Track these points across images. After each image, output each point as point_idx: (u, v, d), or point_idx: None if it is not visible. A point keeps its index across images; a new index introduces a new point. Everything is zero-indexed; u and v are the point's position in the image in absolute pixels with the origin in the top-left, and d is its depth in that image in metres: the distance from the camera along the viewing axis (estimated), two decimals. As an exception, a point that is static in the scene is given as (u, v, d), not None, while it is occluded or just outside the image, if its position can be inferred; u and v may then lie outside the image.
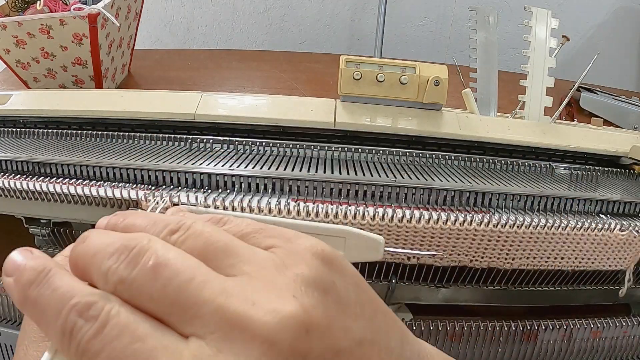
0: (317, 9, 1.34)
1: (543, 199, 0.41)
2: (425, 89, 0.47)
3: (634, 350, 0.43)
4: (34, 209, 0.41)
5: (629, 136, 0.52)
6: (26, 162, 0.41)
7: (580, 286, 0.44)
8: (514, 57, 0.80)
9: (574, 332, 0.41)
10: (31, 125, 0.51)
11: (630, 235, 0.38)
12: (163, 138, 0.47)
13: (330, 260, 0.17)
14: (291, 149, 0.47)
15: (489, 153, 0.49)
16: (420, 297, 0.41)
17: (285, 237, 0.18)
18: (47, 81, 0.84)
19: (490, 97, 0.58)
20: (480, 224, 0.36)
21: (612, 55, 1.31)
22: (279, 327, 0.15)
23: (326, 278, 0.17)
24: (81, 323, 0.15)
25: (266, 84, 0.96)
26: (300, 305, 0.15)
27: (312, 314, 0.15)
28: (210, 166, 0.41)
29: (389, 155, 0.47)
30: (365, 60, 0.48)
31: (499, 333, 0.41)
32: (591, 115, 0.82)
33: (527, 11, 0.56)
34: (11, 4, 0.80)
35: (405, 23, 1.34)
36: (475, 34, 0.59)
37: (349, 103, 0.49)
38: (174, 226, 0.18)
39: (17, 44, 0.76)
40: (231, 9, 1.36)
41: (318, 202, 0.37)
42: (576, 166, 0.49)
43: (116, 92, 0.55)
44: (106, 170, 0.41)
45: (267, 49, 1.37)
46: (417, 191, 0.40)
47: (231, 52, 1.17)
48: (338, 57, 0.48)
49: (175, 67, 1.02)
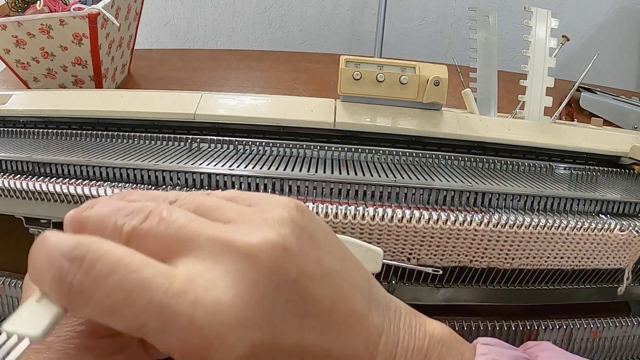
0: (317, 9, 1.34)
1: (543, 199, 0.41)
2: (425, 89, 0.47)
3: (634, 350, 0.43)
4: (34, 209, 0.41)
5: (629, 136, 0.52)
6: (26, 162, 0.41)
7: (579, 284, 0.44)
8: (514, 57, 0.80)
9: (574, 332, 0.41)
10: (31, 125, 0.51)
11: (630, 235, 0.38)
12: (163, 138, 0.47)
13: (302, 209, 0.20)
14: (291, 149, 0.47)
15: (489, 153, 0.49)
16: (420, 297, 0.41)
17: (264, 197, 0.21)
18: (47, 81, 0.84)
19: (490, 97, 0.58)
20: (480, 224, 0.36)
21: (612, 55, 1.31)
22: (261, 246, 0.17)
23: (300, 220, 0.19)
24: (67, 265, 0.16)
25: (266, 84, 0.96)
26: (277, 234, 0.18)
27: (288, 240, 0.18)
28: (210, 166, 0.41)
29: (389, 155, 0.47)
30: (365, 60, 0.48)
31: (499, 333, 0.41)
32: (591, 115, 0.82)
33: (527, 11, 0.56)
34: (11, 4, 0.80)
35: (405, 23, 1.34)
36: (475, 34, 0.59)
37: (349, 103, 0.49)
38: (173, 197, 0.20)
39: (17, 44, 0.76)
40: (231, 9, 1.36)
41: (318, 202, 0.37)
42: (576, 166, 0.49)
43: (116, 92, 0.55)
44: (106, 170, 0.41)
45: (267, 49, 1.37)
46: (417, 191, 0.40)
47: (231, 52, 1.17)
48: (338, 57, 0.48)
49: (175, 67, 1.02)
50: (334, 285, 0.19)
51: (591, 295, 0.44)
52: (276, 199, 0.20)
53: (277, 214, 0.19)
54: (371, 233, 0.36)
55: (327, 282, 0.19)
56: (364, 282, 0.21)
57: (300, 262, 0.18)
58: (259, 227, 0.18)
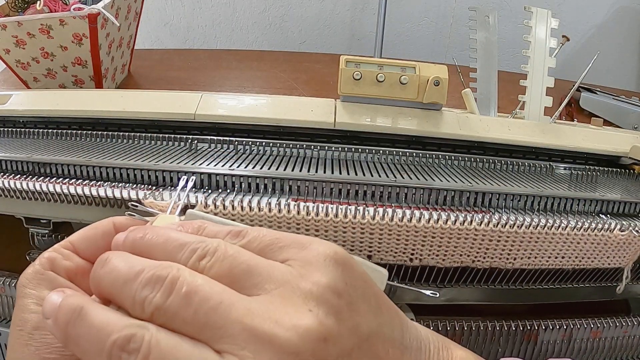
0: (317, 9, 1.34)
1: (543, 199, 0.41)
2: (425, 89, 0.47)
3: (634, 350, 0.43)
4: (34, 209, 0.41)
5: (629, 136, 0.52)
6: (26, 162, 0.41)
7: (579, 283, 0.44)
8: (514, 57, 0.80)
9: (574, 332, 0.41)
10: (31, 125, 0.51)
11: (630, 235, 0.38)
12: (163, 138, 0.47)
13: (342, 262, 0.19)
14: (291, 149, 0.47)
15: (489, 153, 0.49)
16: (421, 297, 0.41)
17: (300, 244, 0.20)
18: (47, 81, 0.84)
19: (490, 97, 0.58)
20: (480, 224, 0.36)
21: (612, 55, 1.31)
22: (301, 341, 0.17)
23: (339, 282, 0.19)
24: (125, 357, 0.16)
25: (266, 84, 0.96)
26: (316, 318, 0.17)
27: (326, 324, 0.17)
28: (210, 166, 0.41)
29: (389, 155, 0.47)
30: (365, 60, 0.48)
31: (499, 333, 0.41)
32: (591, 115, 0.82)
33: (527, 11, 0.56)
34: (11, 4, 0.80)
35: (405, 23, 1.34)
36: (475, 34, 0.59)
37: (349, 103, 0.49)
38: (201, 252, 0.19)
39: (17, 44, 0.76)
40: (231, 9, 1.36)
41: (318, 202, 0.37)
42: (576, 166, 0.49)
43: (116, 92, 0.55)
44: (106, 170, 0.41)
45: (267, 49, 1.37)
46: (417, 191, 0.40)
47: (231, 52, 1.17)
48: (338, 57, 0.48)
49: (175, 67, 1.02)
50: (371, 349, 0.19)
51: (591, 294, 0.44)
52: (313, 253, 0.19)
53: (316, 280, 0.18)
54: (372, 233, 0.36)
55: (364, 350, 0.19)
56: (397, 332, 0.21)
57: (340, 344, 0.18)
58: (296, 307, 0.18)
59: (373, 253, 0.37)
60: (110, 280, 0.19)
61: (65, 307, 0.18)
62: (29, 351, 0.20)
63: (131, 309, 0.18)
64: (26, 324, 0.21)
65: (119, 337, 0.17)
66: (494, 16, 0.58)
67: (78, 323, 0.18)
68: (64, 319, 0.18)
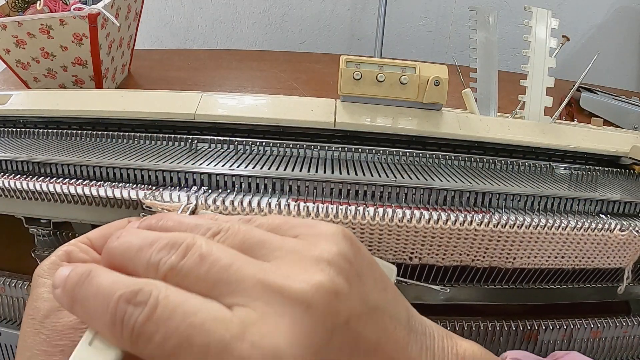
0: (317, 9, 1.34)
1: (543, 199, 0.41)
2: (425, 89, 0.47)
3: (634, 350, 0.43)
4: (34, 209, 0.41)
5: (629, 136, 0.52)
6: (26, 162, 0.41)
7: (579, 284, 0.44)
8: (514, 57, 0.80)
9: (574, 332, 0.41)
10: (31, 125, 0.51)
11: (630, 235, 0.38)
12: (163, 138, 0.47)
13: (351, 238, 0.20)
14: (291, 149, 0.47)
15: (489, 153, 0.49)
16: (422, 296, 0.41)
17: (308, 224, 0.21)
18: (47, 81, 0.84)
19: (490, 97, 0.58)
20: (480, 224, 0.36)
21: (612, 55, 1.31)
22: (314, 293, 0.17)
23: (347, 254, 0.19)
24: (131, 309, 0.16)
25: (266, 84, 0.96)
26: (327, 275, 0.18)
27: (338, 282, 0.18)
28: (210, 166, 0.41)
29: (389, 155, 0.47)
30: (365, 60, 0.48)
31: (499, 333, 0.41)
32: (591, 115, 0.82)
33: (527, 11, 0.56)
34: (11, 4, 0.80)
35: (405, 23, 1.34)
36: (475, 34, 0.59)
37: (349, 103, 0.49)
38: (216, 229, 0.20)
39: (17, 44, 0.76)
40: (231, 9, 1.36)
41: (318, 202, 0.37)
42: (576, 166, 0.49)
43: (116, 92, 0.55)
44: (106, 170, 0.41)
45: (267, 49, 1.37)
46: (417, 191, 0.40)
47: (231, 52, 1.17)
48: (338, 57, 0.48)
49: (175, 67, 1.02)
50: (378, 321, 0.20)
51: (591, 294, 0.44)
52: (323, 229, 0.20)
53: (326, 250, 0.19)
54: (372, 233, 0.36)
55: (372, 320, 0.19)
56: (403, 312, 0.21)
57: (349, 303, 0.18)
58: (309, 268, 0.18)
59: (373, 252, 0.37)
60: (124, 248, 0.19)
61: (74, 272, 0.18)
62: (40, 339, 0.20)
63: (144, 272, 0.18)
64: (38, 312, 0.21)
65: (126, 292, 0.17)
66: (494, 16, 0.58)
67: (86, 284, 0.18)
68: (72, 282, 0.18)
